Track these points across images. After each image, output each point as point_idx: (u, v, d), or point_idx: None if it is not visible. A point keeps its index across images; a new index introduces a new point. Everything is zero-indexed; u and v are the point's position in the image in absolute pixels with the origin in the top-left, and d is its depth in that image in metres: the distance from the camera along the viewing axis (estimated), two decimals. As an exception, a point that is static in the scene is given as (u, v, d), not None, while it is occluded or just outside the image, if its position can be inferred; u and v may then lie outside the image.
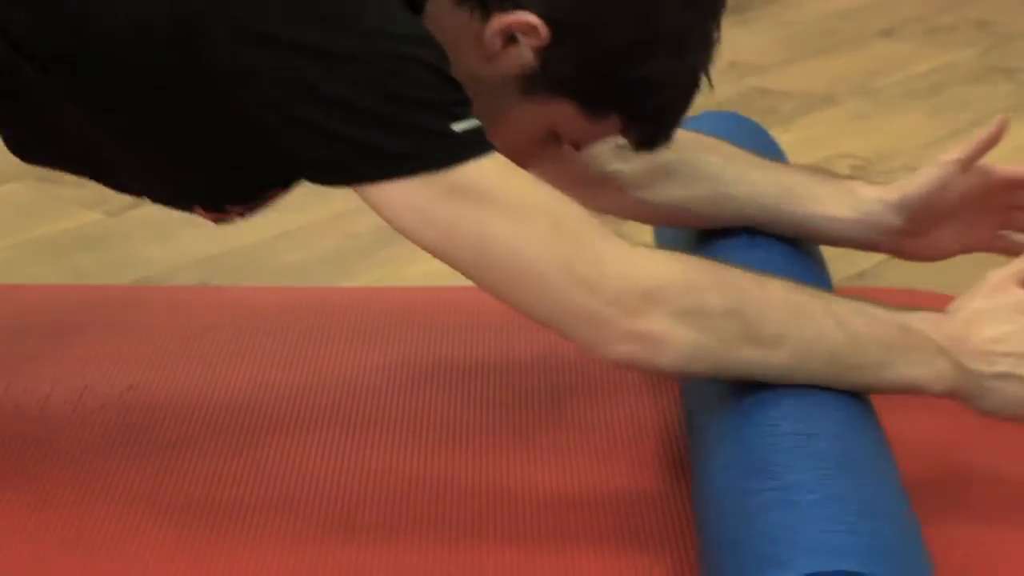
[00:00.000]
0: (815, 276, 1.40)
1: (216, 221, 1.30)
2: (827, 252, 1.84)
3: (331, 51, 1.10)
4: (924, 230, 1.42)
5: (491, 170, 1.12)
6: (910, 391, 1.18)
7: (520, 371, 1.51)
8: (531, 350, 1.54)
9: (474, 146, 1.12)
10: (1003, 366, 1.17)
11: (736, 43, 2.71)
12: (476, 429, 1.41)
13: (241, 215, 1.30)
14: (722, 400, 1.20)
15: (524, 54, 1.19)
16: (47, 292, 1.72)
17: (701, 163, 1.43)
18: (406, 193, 1.11)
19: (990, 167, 1.41)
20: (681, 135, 1.38)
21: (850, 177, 1.46)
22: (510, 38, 1.18)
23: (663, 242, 1.55)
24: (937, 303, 1.61)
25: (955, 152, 1.40)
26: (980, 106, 2.38)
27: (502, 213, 1.12)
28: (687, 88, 1.23)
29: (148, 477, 1.33)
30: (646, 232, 1.62)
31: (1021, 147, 2.19)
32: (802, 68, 2.59)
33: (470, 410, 1.44)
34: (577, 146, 1.27)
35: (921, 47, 2.72)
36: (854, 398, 1.17)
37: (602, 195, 1.41)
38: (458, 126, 1.11)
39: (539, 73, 1.19)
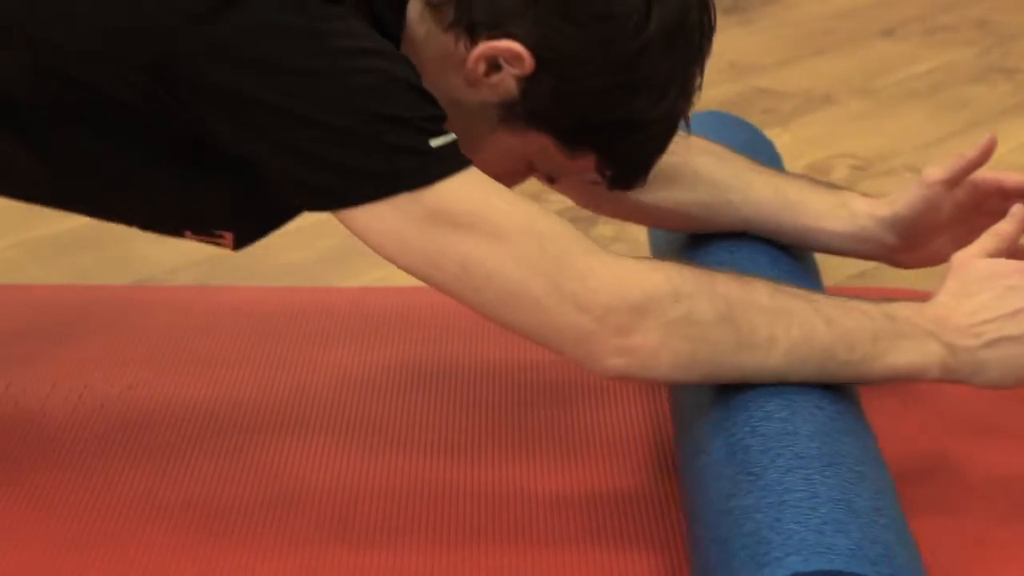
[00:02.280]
0: (802, 275, 1.40)
1: (209, 243, 1.28)
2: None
3: (302, 70, 1.10)
4: (918, 244, 1.43)
5: (470, 188, 1.12)
6: (906, 378, 1.18)
7: (521, 372, 1.51)
8: (532, 350, 1.54)
9: (451, 161, 1.11)
10: (990, 334, 1.18)
11: (736, 43, 2.71)
12: (476, 430, 1.41)
13: (232, 243, 1.27)
14: (707, 401, 1.20)
15: (506, 82, 1.19)
16: (47, 292, 1.71)
17: (699, 167, 1.42)
18: (385, 218, 1.11)
19: (979, 178, 1.41)
20: (680, 138, 1.38)
21: (843, 188, 1.46)
22: (494, 65, 1.19)
23: (656, 242, 1.56)
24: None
25: (940, 171, 1.40)
26: (980, 106, 2.38)
27: (484, 235, 1.11)
28: (664, 131, 1.25)
29: (147, 477, 1.33)
30: (642, 231, 1.62)
31: (1021, 147, 2.19)
32: (802, 68, 2.59)
33: (470, 411, 1.44)
34: (551, 179, 1.28)
35: (921, 47, 2.72)
36: (840, 395, 1.18)
37: (598, 196, 1.41)
38: (435, 141, 1.10)
39: (519, 103, 1.20)
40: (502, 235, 1.11)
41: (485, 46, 1.18)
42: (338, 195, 1.11)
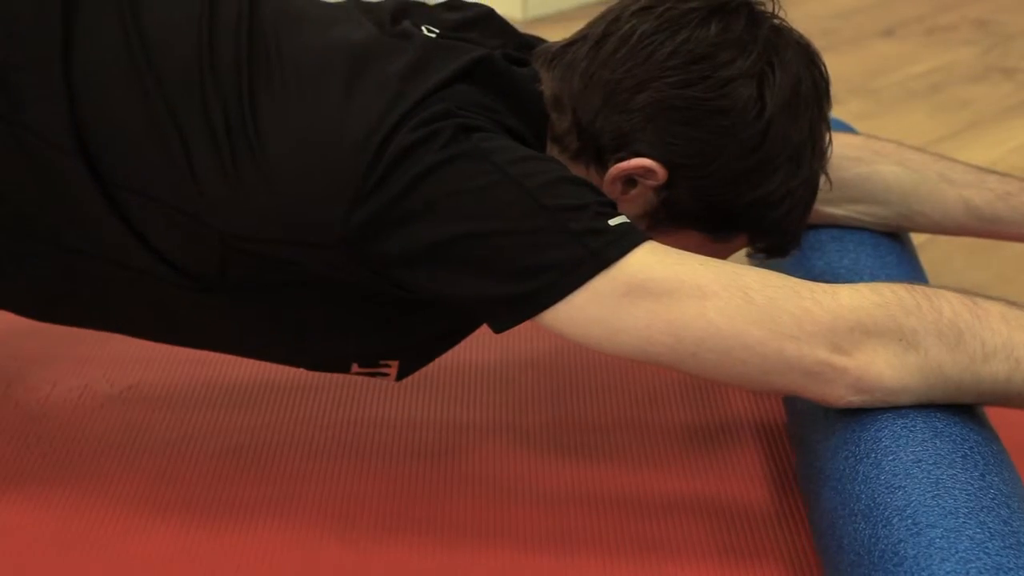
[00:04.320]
0: (909, 260, 1.41)
1: (371, 374, 1.29)
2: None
3: (477, 189, 1.11)
4: None
5: (660, 256, 1.12)
6: None
7: (519, 371, 1.51)
8: (530, 350, 1.54)
9: (634, 235, 1.12)
10: None
11: (736, 43, 2.71)
12: (475, 429, 1.41)
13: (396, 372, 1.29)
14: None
15: (645, 195, 1.21)
16: (47, 292, 1.71)
17: (889, 176, 1.42)
18: (588, 306, 1.11)
19: None
20: (866, 142, 1.39)
21: None
22: (629, 181, 1.21)
23: None
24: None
25: None
26: (980, 106, 2.38)
27: (686, 297, 1.10)
28: (807, 194, 1.25)
29: (147, 477, 1.33)
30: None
31: (1021, 147, 2.19)
32: (802, 68, 2.58)
33: (469, 410, 1.44)
34: None
35: (921, 47, 2.72)
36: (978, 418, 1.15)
37: None
38: (613, 221, 1.11)
39: (662, 209, 1.22)
40: (705, 294, 1.10)
41: (616, 168, 1.20)
42: (541, 296, 1.11)
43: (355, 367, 1.27)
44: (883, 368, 1.10)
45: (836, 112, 2.34)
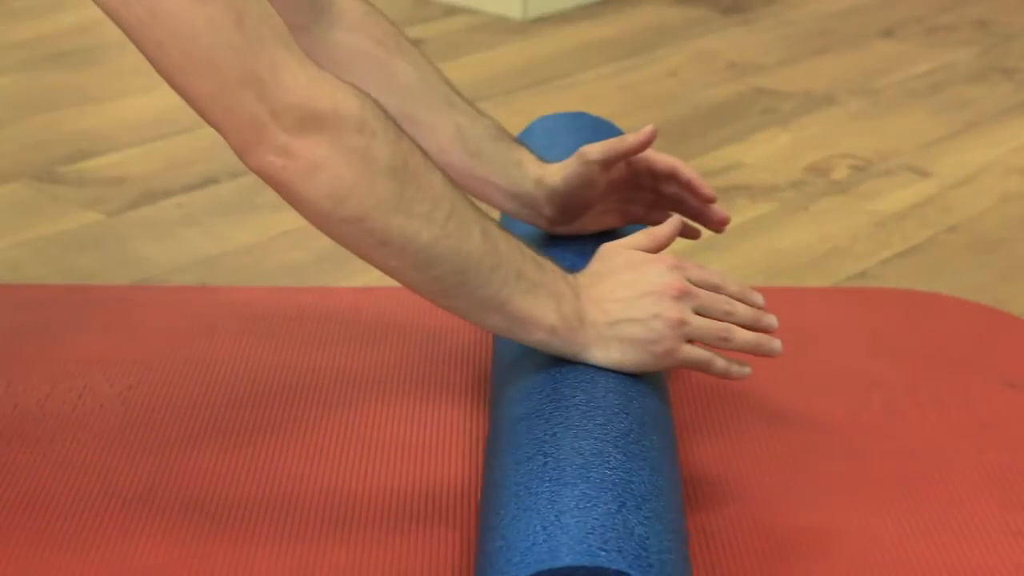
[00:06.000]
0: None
1: None
2: (830, 249, 1.85)
3: None
4: (572, 216, 1.45)
5: None
6: (529, 324, 1.19)
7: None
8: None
9: None
10: (616, 313, 1.21)
11: (736, 43, 2.71)
12: (474, 429, 1.41)
13: None
14: (512, 392, 1.23)
15: None
16: (47, 292, 1.72)
17: (400, 74, 1.42)
18: None
19: (635, 157, 1.43)
20: (396, 34, 1.39)
21: (523, 145, 1.46)
22: None
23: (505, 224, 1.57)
24: (940, 304, 1.61)
25: (596, 151, 1.42)
26: (980, 106, 2.38)
27: None
28: None
29: (147, 477, 1.33)
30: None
31: (1021, 147, 2.19)
32: (802, 68, 2.59)
33: (468, 410, 1.44)
34: None
35: (921, 47, 2.72)
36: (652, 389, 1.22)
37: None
38: None
39: None
40: None
41: None
42: None
43: None
44: (318, 155, 1.08)
45: (836, 112, 2.35)
